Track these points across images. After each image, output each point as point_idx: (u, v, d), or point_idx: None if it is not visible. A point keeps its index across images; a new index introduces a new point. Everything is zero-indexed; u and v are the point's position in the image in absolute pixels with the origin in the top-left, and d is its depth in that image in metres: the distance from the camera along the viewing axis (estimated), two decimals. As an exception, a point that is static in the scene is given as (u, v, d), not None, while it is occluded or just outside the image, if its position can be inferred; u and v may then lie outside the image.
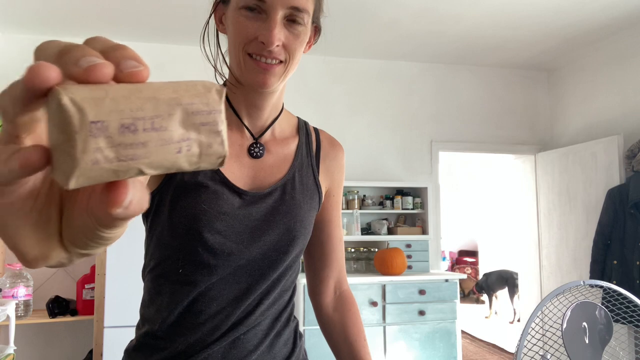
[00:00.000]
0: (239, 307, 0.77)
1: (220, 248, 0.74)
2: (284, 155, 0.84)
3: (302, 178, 0.84)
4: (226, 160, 0.27)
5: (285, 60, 0.73)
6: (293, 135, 0.87)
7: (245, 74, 0.74)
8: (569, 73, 4.26)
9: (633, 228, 3.17)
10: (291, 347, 0.85)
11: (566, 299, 1.38)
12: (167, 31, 3.49)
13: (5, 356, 2.54)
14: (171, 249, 0.76)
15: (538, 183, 4.25)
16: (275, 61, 0.72)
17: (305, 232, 0.81)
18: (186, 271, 0.75)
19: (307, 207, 0.82)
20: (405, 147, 4.11)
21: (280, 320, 0.83)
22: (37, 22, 3.32)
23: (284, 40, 0.72)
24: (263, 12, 0.70)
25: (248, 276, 0.77)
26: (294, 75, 4.13)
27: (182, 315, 0.77)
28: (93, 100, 0.23)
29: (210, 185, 0.75)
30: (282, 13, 0.70)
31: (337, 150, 0.91)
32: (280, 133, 0.86)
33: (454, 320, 3.35)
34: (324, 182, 0.88)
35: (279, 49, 0.72)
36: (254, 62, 0.72)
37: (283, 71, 0.74)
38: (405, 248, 3.68)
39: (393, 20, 3.37)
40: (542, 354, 1.26)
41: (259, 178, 0.81)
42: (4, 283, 2.91)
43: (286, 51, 0.73)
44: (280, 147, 0.84)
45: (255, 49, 0.71)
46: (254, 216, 0.77)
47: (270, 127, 0.84)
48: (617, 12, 3.26)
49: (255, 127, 0.82)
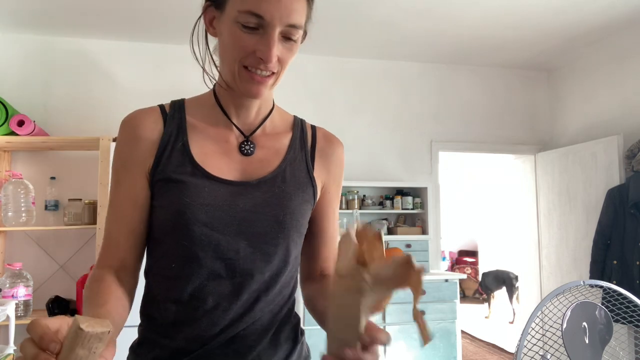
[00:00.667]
0: (235, 302, 0.77)
1: (207, 240, 0.75)
2: (275, 149, 0.84)
3: (295, 171, 0.84)
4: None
5: (277, 71, 0.76)
6: (286, 131, 0.88)
7: (239, 84, 0.76)
8: (569, 73, 4.26)
9: (633, 228, 3.17)
10: (292, 343, 0.85)
11: (566, 299, 1.38)
12: (167, 31, 3.49)
13: (5, 356, 2.54)
14: (164, 245, 0.79)
15: (538, 183, 4.25)
16: (269, 73, 0.75)
17: (296, 224, 0.81)
18: (178, 266, 0.76)
19: (299, 200, 0.82)
20: (405, 147, 4.11)
21: (281, 317, 0.83)
22: (37, 22, 3.32)
23: (279, 55, 0.74)
24: (261, 27, 0.72)
25: (241, 270, 0.77)
26: (294, 75, 4.12)
27: (179, 311, 0.77)
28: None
29: (191, 181, 0.76)
30: (279, 30, 0.72)
31: (334, 146, 0.91)
32: (272, 129, 0.87)
33: (454, 320, 3.35)
34: (319, 177, 0.87)
35: (274, 63, 0.75)
36: (248, 74, 0.75)
37: (274, 81, 0.77)
38: (405, 248, 3.68)
39: (393, 20, 3.37)
40: (542, 354, 1.26)
41: (249, 171, 0.81)
42: (3, 283, 2.91)
43: (280, 64, 0.76)
44: (271, 142, 0.85)
45: (251, 63, 0.74)
46: (241, 207, 0.77)
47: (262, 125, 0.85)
48: (617, 12, 3.26)
49: (245, 125, 0.84)
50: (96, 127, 3.51)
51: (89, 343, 0.46)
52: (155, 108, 0.83)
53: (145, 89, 3.64)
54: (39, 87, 3.51)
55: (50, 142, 3.17)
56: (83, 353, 0.46)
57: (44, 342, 0.47)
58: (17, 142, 3.08)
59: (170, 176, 0.77)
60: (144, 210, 0.79)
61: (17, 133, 3.05)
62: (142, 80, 3.66)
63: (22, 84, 3.48)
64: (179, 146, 0.79)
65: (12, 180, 3.07)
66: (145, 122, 0.80)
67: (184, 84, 2.51)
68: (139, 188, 0.79)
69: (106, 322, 0.48)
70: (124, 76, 3.65)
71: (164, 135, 0.80)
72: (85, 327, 0.45)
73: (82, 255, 3.41)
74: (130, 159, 0.79)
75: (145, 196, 0.79)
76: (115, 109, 3.57)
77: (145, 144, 0.79)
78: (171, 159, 0.78)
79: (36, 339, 0.47)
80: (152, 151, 0.79)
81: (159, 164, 0.78)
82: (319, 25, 3.41)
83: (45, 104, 3.49)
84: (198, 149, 0.80)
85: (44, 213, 3.33)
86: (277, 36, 0.73)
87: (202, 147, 0.80)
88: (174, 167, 0.78)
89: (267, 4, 0.70)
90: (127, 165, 0.79)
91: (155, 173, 0.78)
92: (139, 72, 3.68)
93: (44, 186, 3.34)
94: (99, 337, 0.46)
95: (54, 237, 3.39)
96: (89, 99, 3.57)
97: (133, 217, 0.79)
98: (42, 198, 3.32)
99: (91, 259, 3.38)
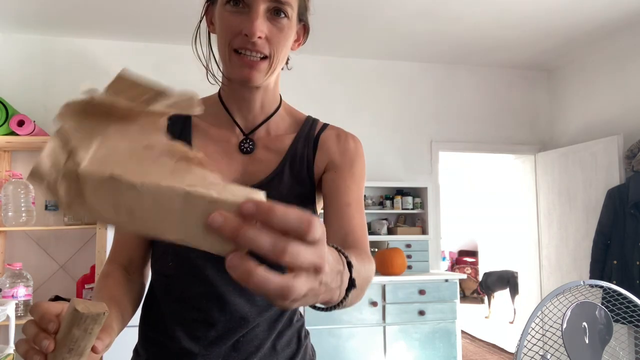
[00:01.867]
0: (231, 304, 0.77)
1: None
2: (276, 150, 0.84)
3: (294, 171, 0.83)
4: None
5: (270, 55, 0.74)
6: (292, 131, 0.86)
7: (231, 69, 0.75)
8: (569, 73, 4.26)
9: (633, 228, 3.17)
10: (295, 347, 0.84)
11: (566, 299, 1.38)
12: (167, 31, 3.49)
13: (5, 356, 2.54)
14: (162, 246, 0.80)
15: (538, 183, 4.25)
16: (259, 55, 0.73)
17: None
18: (175, 264, 0.77)
19: (296, 202, 0.81)
20: (405, 147, 4.11)
21: (282, 321, 0.82)
22: (37, 22, 3.32)
23: (267, 33, 0.73)
24: (246, 6, 0.72)
25: None
26: (294, 75, 4.12)
27: (177, 310, 0.78)
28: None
29: None
30: (265, 6, 0.72)
31: (343, 139, 0.86)
32: (277, 130, 0.85)
33: (453, 320, 3.35)
34: (320, 164, 0.84)
35: (262, 42, 0.73)
36: (239, 57, 0.74)
37: (268, 67, 0.75)
38: (405, 248, 3.67)
39: (393, 21, 3.37)
40: (542, 354, 1.26)
41: (248, 173, 0.81)
42: (3, 283, 2.91)
43: (270, 45, 0.74)
44: (273, 143, 0.84)
45: (240, 43, 0.73)
46: None
47: (264, 124, 0.84)
48: (617, 12, 3.26)
49: (247, 123, 0.84)
50: (96, 127, 3.51)
51: (85, 324, 0.49)
52: None
53: (145, 89, 3.64)
54: (39, 87, 3.51)
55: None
56: (79, 333, 0.49)
57: (44, 322, 0.50)
58: (17, 142, 3.08)
59: None
60: None
61: (17, 133, 3.05)
62: (142, 80, 3.66)
63: (22, 84, 3.48)
64: None
65: (12, 180, 3.07)
66: None
67: (184, 84, 2.50)
68: None
69: (102, 305, 0.50)
70: (124, 76, 3.65)
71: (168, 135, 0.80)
72: (80, 309, 0.48)
73: (82, 255, 3.41)
74: None
75: None
76: (115, 109, 3.57)
77: None
78: None
79: (37, 319, 0.50)
80: None
81: None
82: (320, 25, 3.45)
83: (45, 104, 3.49)
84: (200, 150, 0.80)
85: (44, 213, 3.33)
86: (264, 13, 0.72)
87: (204, 147, 0.81)
88: None
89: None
90: None
91: None
92: (139, 72, 3.67)
93: (44, 186, 3.34)
94: (95, 318, 0.49)
95: (54, 237, 3.39)
96: (89, 99, 3.57)
97: None
98: (42, 198, 3.32)
99: (91, 259, 3.38)
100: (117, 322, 0.64)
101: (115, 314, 0.64)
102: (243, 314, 0.77)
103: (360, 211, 0.80)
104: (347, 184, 0.81)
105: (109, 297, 0.69)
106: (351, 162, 0.84)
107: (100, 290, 0.72)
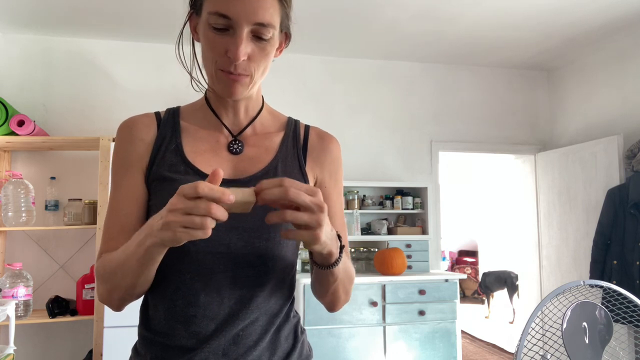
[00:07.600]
0: (228, 297, 0.77)
1: None
2: (265, 147, 0.87)
3: (287, 168, 0.85)
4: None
5: (252, 73, 0.78)
6: (278, 130, 0.90)
7: (217, 85, 0.79)
8: (569, 73, 4.26)
9: (633, 228, 3.17)
10: (292, 342, 0.85)
11: (566, 299, 1.38)
12: (167, 31, 3.49)
13: (5, 356, 2.54)
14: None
15: (538, 183, 4.25)
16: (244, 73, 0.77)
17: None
18: (172, 261, 0.77)
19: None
20: (405, 147, 4.11)
21: (280, 316, 0.83)
22: (37, 22, 3.32)
23: (250, 53, 0.76)
24: (230, 27, 0.74)
25: (233, 265, 0.77)
26: (294, 75, 4.13)
27: (174, 307, 0.78)
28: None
29: (183, 179, 0.79)
30: (249, 29, 0.74)
31: (327, 143, 0.92)
32: (263, 129, 0.89)
33: (453, 320, 3.35)
34: (312, 173, 0.89)
35: (245, 62, 0.76)
36: (224, 74, 0.77)
37: (250, 82, 0.79)
38: (405, 248, 3.67)
39: (393, 21, 3.37)
40: (542, 354, 1.26)
41: (239, 169, 0.84)
42: (3, 283, 2.91)
43: (252, 63, 0.77)
44: (261, 140, 0.87)
45: (224, 65, 0.76)
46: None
47: (251, 124, 0.88)
48: (616, 12, 3.26)
49: (234, 125, 0.87)
50: (96, 127, 3.51)
51: (244, 207, 0.64)
52: (150, 113, 0.88)
53: (145, 89, 3.64)
54: (39, 87, 3.51)
55: (50, 142, 3.17)
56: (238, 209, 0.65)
57: (215, 193, 0.59)
58: (17, 142, 3.08)
59: (165, 175, 0.80)
60: (142, 207, 0.82)
61: (17, 133, 3.05)
62: (142, 80, 3.66)
63: (22, 84, 3.48)
64: (172, 147, 0.83)
65: (12, 180, 3.07)
66: (140, 125, 0.85)
67: (184, 84, 2.51)
68: (138, 186, 0.82)
69: (250, 192, 0.63)
70: (124, 76, 3.65)
71: (158, 137, 0.84)
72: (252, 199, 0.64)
73: (82, 255, 3.41)
74: (128, 159, 0.83)
75: (143, 193, 0.82)
76: (115, 109, 3.57)
77: (141, 145, 0.83)
78: (165, 159, 0.82)
79: (207, 191, 0.58)
80: (148, 152, 0.83)
81: (153, 164, 0.82)
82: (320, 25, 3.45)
83: (45, 104, 3.50)
84: (190, 148, 0.83)
85: (44, 213, 3.33)
86: (247, 35, 0.74)
87: (194, 146, 0.84)
88: (167, 166, 0.81)
89: (233, 4, 0.72)
90: (126, 165, 0.83)
91: (151, 173, 0.82)
92: (139, 72, 3.68)
93: (44, 186, 3.35)
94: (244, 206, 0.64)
95: (54, 237, 3.39)
96: (89, 99, 3.57)
97: (132, 213, 0.81)
98: (42, 198, 3.33)
99: (91, 259, 3.38)
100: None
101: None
102: (240, 307, 0.78)
103: (343, 218, 0.91)
104: (334, 198, 0.90)
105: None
106: (336, 172, 0.91)
107: (115, 252, 0.75)
